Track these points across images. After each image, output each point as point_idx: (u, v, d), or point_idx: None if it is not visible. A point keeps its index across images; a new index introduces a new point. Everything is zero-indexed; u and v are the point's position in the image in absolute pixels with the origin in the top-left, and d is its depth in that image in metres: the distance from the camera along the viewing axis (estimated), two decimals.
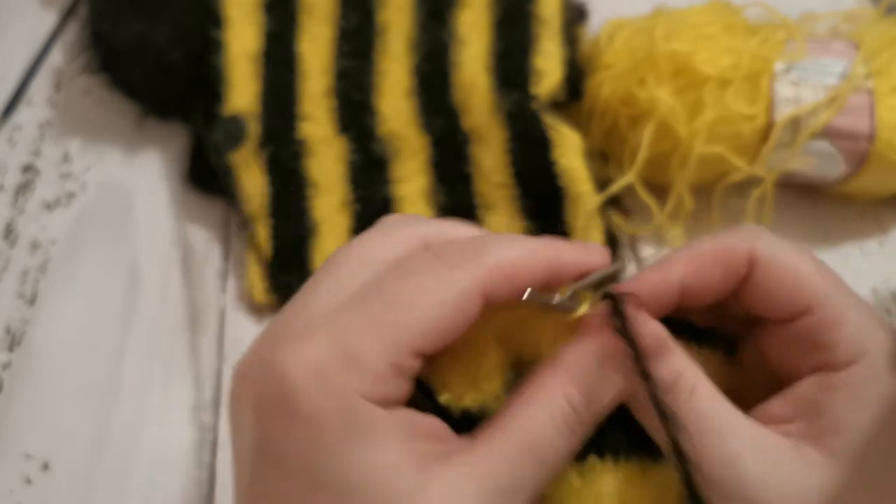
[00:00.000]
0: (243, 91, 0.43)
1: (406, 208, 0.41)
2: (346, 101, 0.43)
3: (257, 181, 0.41)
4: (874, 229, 0.43)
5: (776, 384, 0.25)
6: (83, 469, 0.36)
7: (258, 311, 0.40)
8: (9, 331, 0.40)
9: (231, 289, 0.41)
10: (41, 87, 0.48)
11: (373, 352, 0.22)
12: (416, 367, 0.23)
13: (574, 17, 0.44)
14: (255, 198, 0.41)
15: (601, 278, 0.25)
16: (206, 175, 0.43)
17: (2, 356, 0.39)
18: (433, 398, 0.25)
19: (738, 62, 0.38)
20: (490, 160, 0.40)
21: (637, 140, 0.39)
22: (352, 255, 0.25)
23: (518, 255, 0.24)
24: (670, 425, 0.22)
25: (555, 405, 0.23)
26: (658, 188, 0.40)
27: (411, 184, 0.41)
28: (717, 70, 0.38)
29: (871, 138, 0.38)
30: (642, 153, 0.39)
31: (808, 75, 0.39)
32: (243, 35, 0.43)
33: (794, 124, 0.38)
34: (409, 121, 0.42)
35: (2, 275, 0.42)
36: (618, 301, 0.24)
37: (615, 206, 0.42)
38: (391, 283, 0.23)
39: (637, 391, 0.24)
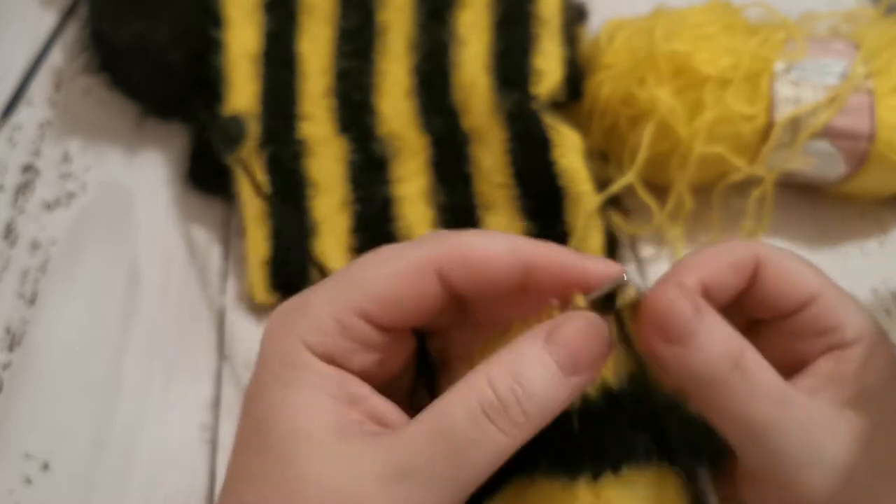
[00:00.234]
0: (243, 91, 0.43)
1: (406, 208, 0.41)
2: (346, 101, 0.43)
3: (258, 181, 0.41)
4: (874, 229, 0.43)
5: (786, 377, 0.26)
6: (83, 469, 0.36)
7: (258, 311, 0.40)
8: (9, 331, 0.40)
9: (231, 289, 0.41)
10: (41, 87, 0.48)
11: (320, 304, 0.24)
12: (368, 333, 0.24)
13: (574, 17, 0.44)
14: (254, 198, 0.41)
15: (611, 290, 0.25)
16: (206, 175, 0.43)
17: (2, 356, 0.39)
18: None
19: (738, 62, 0.38)
20: (490, 160, 0.40)
21: (637, 140, 0.39)
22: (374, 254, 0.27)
23: (485, 244, 0.24)
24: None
25: (470, 388, 0.22)
26: (658, 188, 0.40)
27: (411, 184, 0.41)
28: (717, 70, 0.38)
29: (871, 138, 0.38)
30: (642, 153, 0.39)
31: (808, 75, 0.39)
32: (243, 35, 0.43)
33: (794, 124, 0.38)
34: (409, 121, 0.42)
35: (2, 275, 0.42)
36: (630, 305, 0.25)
37: (615, 206, 0.42)
38: (364, 256, 0.25)
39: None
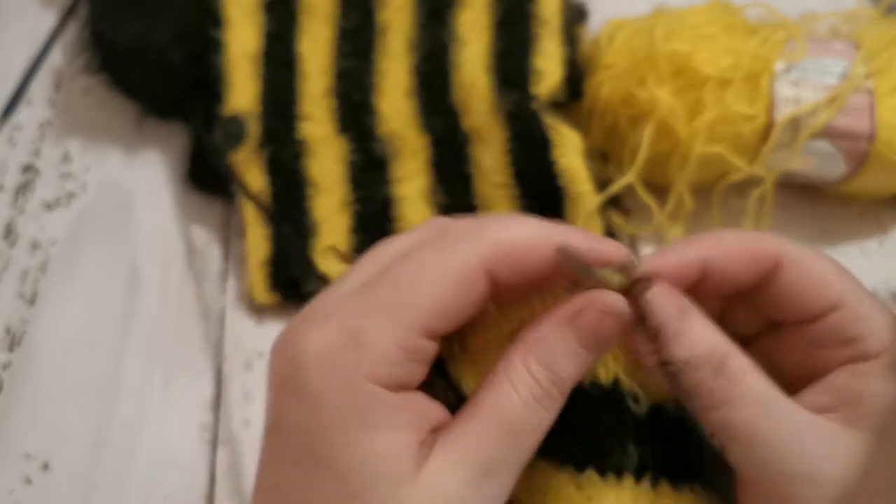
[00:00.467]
0: (243, 91, 0.43)
1: (406, 208, 0.41)
2: (346, 101, 0.43)
3: (257, 181, 0.41)
4: (874, 229, 0.43)
5: (789, 386, 0.25)
6: (83, 469, 0.36)
7: (258, 311, 0.40)
8: (9, 331, 0.40)
9: (231, 289, 0.41)
10: (41, 87, 0.48)
11: (379, 333, 0.22)
12: (429, 348, 0.23)
13: (574, 17, 0.44)
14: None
15: (619, 267, 0.24)
16: (206, 175, 0.43)
17: (2, 356, 0.39)
18: (455, 387, 0.25)
19: (738, 62, 0.38)
20: (490, 160, 0.40)
21: (637, 140, 0.39)
22: (380, 248, 0.25)
23: (525, 234, 0.24)
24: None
25: (517, 378, 0.23)
26: (658, 188, 0.40)
27: (411, 184, 0.41)
28: (717, 70, 0.38)
29: (871, 138, 0.38)
30: (642, 153, 0.39)
31: (808, 75, 0.39)
32: (243, 35, 0.43)
33: (794, 124, 0.38)
34: (409, 121, 0.42)
35: (2, 275, 0.41)
36: (642, 283, 0.24)
37: (615, 206, 0.42)
38: (396, 266, 0.23)
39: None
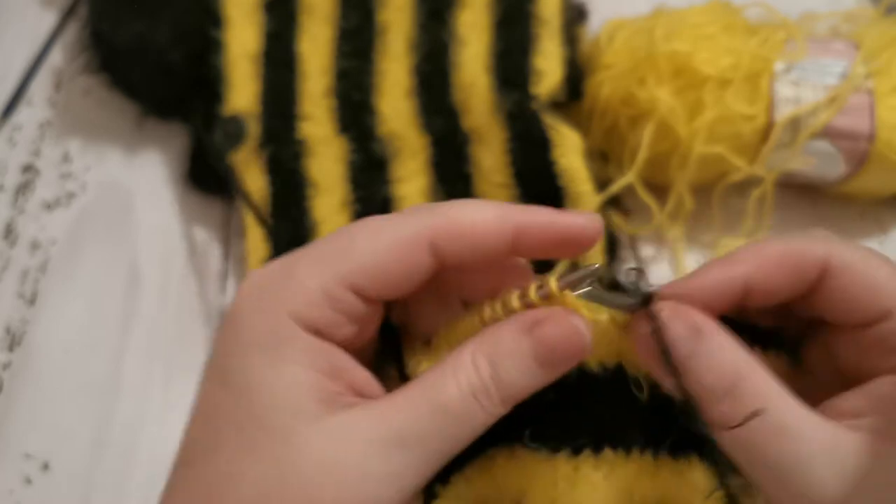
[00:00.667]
0: (243, 91, 0.43)
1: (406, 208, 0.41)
2: (346, 101, 0.43)
3: (257, 181, 0.41)
4: (874, 229, 0.43)
5: (843, 383, 0.25)
6: (83, 469, 0.36)
7: None
8: (9, 331, 0.40)
9: (231, 289, 0.41)
10: (41, 87, 0.48)
11: (307, 274, 0.23)
12: (356, 304, 0.23)
13: (574, 17, 0.44)
14: (254, 198, 0.41)
15: (582, 277, 0.24)
16: (206, 175, 0.43)
17: (2, 356, 0.39)
18: (406, 376, 0.26)
19: (738, 62, 0.38)
20: (490, 160, 0.40)
21: (637, 140, 0.39)
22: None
23: (480, 215, 0.24)
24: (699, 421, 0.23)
25: (459, 366, 0.23)
26: (658, 188, 0.40)
27: (411, 184, 0.41)
28: (717, 70, 0.38)
29: (871, 138, 0.38)
30: (642, 153, 0.39)
31: (808, 75, 0.39)
32: (243, 35, 0.43)
33: (794, 124, 0.38)
34: (409, 121, 0.42)
35: (2, 275, 0.41)
36: (651, 300, 0.24)
37: (615, 206, 0.42)
38: (350, 225, 0.24)
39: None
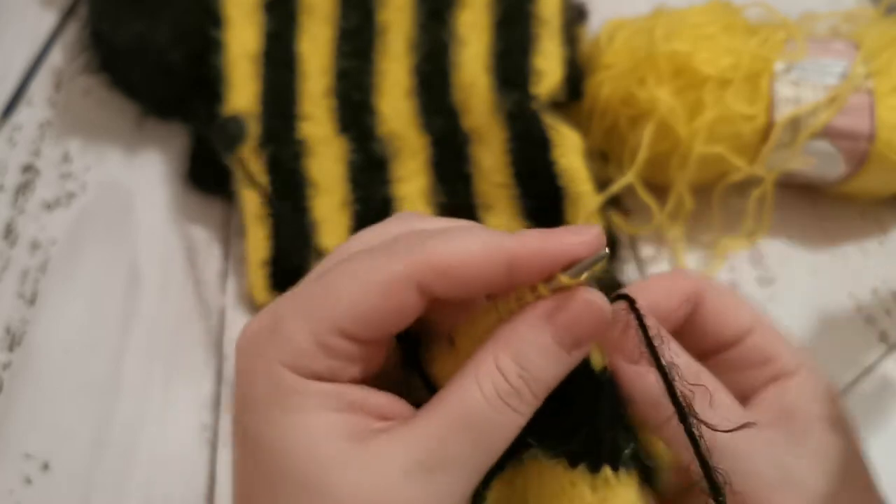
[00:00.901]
0: (243, 91, 0.43)
1: (406, 208, 0.41)
2: (346, 101, 0.43)
3: (258, 182, 0.41)
4: (874, 229, 0.43)
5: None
6: (83, 469, 0.36)
7: (258, 311, 0.40)
8: (9, 331, 0.40)
9: (231, 289, 0.41)
10: (41, 87, 0.48)
11: (295, 326, 0.23)
12: (350, 348, 0.23)
13: (574, 17, 0.44)
14: (254, 198, 0.41)
15: (590, 264, 0.23)
16: (206, 175, 0.43)
17: (2, 356, 0.39)
18: (431, 387, 0.25)
19: (738, 62, 0.38)
20: (490, 160, 0.40)
21: (637, 140, 0.39)
22: (343, 246, 0.25)
23: (465, 251, 0.22)
24: (695, 437, 0.23)
25: (484, 373, 0.22)
26: (658, 188, 0.40)
27: (411, 184, 0.41)
28: (717, 70, 0.38)
29: (871, 138, 0.38)
30: (642, 153, 0.39)
31: (808, 75, 0.39)
32: (243, 35, 0.43)
33: (794, 124, 0.38)
34: (409, 121, 0.42)
35: (2, 275, 0.41)
36: (632, 300, 0.24)
37: (615, 206, 0.42)
38: (333, 267, 0.24)
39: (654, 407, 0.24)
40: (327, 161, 0.42)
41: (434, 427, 0.22)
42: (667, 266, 0.41)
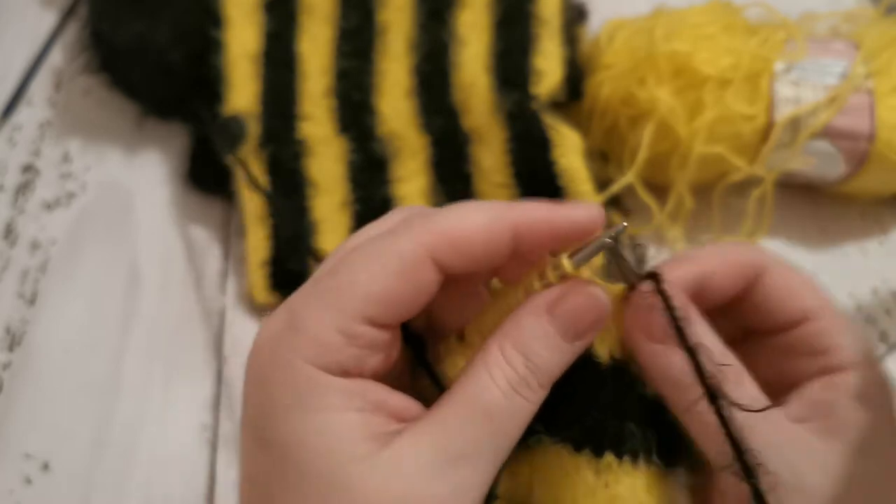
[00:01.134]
0: (243, 91, 0.43)
1: None
2: (346, 101, 0.43)
3: (258, 182, 0.41)
4: (874, 229, 0.43)
5: (773, 395, 0.26)
6: (83, 469, 0.36)
7: (258, 311, 0.40)
8: (9, 331, 0.40)
9: (231, 289, 0.41)
10: (41, 87, 0.48)
11: (316, 319, 0.22)
12: (374, 336, 0.23)
13: (574, 17, 0.44)
14: (254, 198, 0.41)
15: (600, 246, 0.23)
16: (206, 175, 0.43)
17: (2, 356, 0.39)
18: (439, 383, 0.25)
19: (738, 62, 0.38)
20: (490, 160, 0.41)
21: (637, 140, 0.39)
22: (345, 244, 0.25)
23: (469, 222, 0.23)
24: (729, 427, 0.22)
25: (493, 364, 0.23)
26: (658, 188, 0.40)
27: (411, 184, 0.41)
28: (717, 70, 0.38)
29: (871, 138, 0.38)
30: (642, 153, 0.39)
31: (808, 75, 0.39)
32: (243, 35, 0.43)
33: (794, 124, 0.38)
34: (409, 121, 0.42)
35: (2, 275, 0.41)
36: (659, 279, 0.24)
37: (615, 206, 0.42)
38: (343, 257, 0.24)
39: (681, 394, 0.24)
40: (327, 161, 0.42)
41: (452, 420, 0.22)
42: None
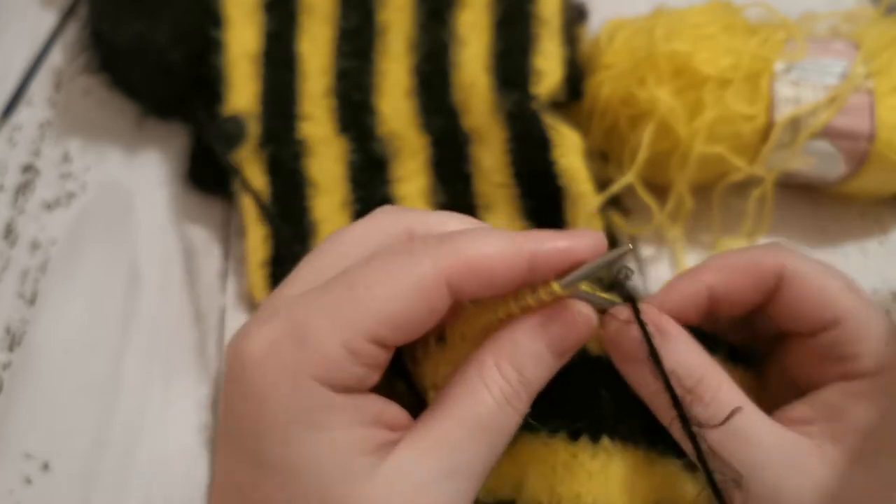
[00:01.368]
0: (243, 91, 0.43)
1: None
2: (346, 101, 0.43)
3: (257, 181, 0.41)
4: (874, 229, 0.43)
5: (797, 392, 0.26)
6: (83, 469, 0.36)
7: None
8: (9, 331, 0.40)
9: (231, 289, 0.41)
10: (41, 87, 0.48)
11: (325, 334, 0.22)
12: (379, 355, 0.23)
13: (574, 17, 0.44)
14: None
15: (597, 267, 0.24)
16: (206, 175, 0.43)
17: (2, 356, 0.39)
18: (417, 391, 0.26)
19: (738, 62, 0.38)
20: (490, 160, 0.41)
21: (637, 140, 0.39)
22: (334, 242, 0.25)
23: (491, 250, 0.23)
24: (694, 432, 0.23)
25: (491, 378, 0.23)
26: (658, 188, 0.40)
27: (411, 184, 0.41)
28: (717, 70, 0.38)
29: (871, 138, 0.38)
30: (642, 153, 0.39)
31: (808, 75, 0.39)
32: (243, 35, 0.43)
33: (794, 124, 0.38)
34: (409, 121, 0.42)
35: (2, 275, 0.41)
36: (634, 300, 0.24)
37: (615, 206, 0.42)
38: (356, 269, 0.23)
39: (655, 392, 0.24)
40: (327, 161, 0.42)
41: (452, 433, 0.23)
42: (667, 266, 0.41)
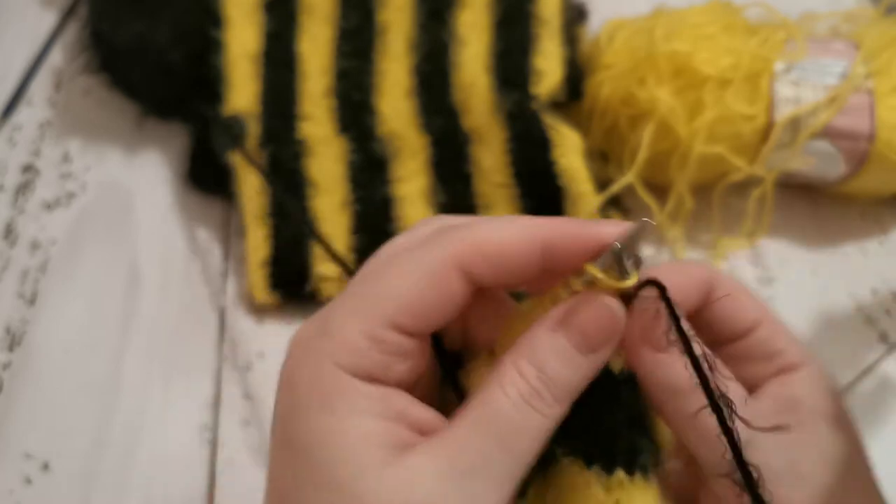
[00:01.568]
0: (243, 91, 0.43)
1: (406, 208, 0.41)
2: (346, 101, 0.43)
3: (257, 181, 0.41)
4: (874, 229, 0.43)
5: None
6: (83, 469, 0.36)
7: (258, 311, 0.40)
8: (9, 331, 0.40)
9: (231, 289, 0.41)
10: (41, 87, 0.48)
11: (345, 323, 0.23)
12: (403, 343, 0.23)
13: (574, 17, 0.44)
14: (254, 198, 0.41)
15: (624, 245, 0.23)
16: (206, 175, 0.43)
17: (2, 356, 0.39)
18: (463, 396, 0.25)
19: (738, 62, 0.38)
20: (490, 160, 0.41)
21: (637, 140, 0.39)
22: (378, 254, 0.26)
23: (504, 234, 0.23)
24: (730, 431, 0.22)
25: (506, 377, 0.23)
26: (658, 188, 0.40)
27: (411, 184, 0.41)
28: (717, 70, 0.38)
29: (871, 138, 0.38)
30: (642, 153, 0.39)
31: (808, 75, 0.39)
32: (243, 35, 0.43)
33: (794, 124, 0.38)
34: (409, 121, 0.42)
35: (2, 275, 0.41)
36: (662, 286, 0.23)
37: (615, 206, 0.42)
38: (374, 265, 0.24)
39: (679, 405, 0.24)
40: (327, 161, 0.42)
41: (462, 434, 0.22)
42: None
